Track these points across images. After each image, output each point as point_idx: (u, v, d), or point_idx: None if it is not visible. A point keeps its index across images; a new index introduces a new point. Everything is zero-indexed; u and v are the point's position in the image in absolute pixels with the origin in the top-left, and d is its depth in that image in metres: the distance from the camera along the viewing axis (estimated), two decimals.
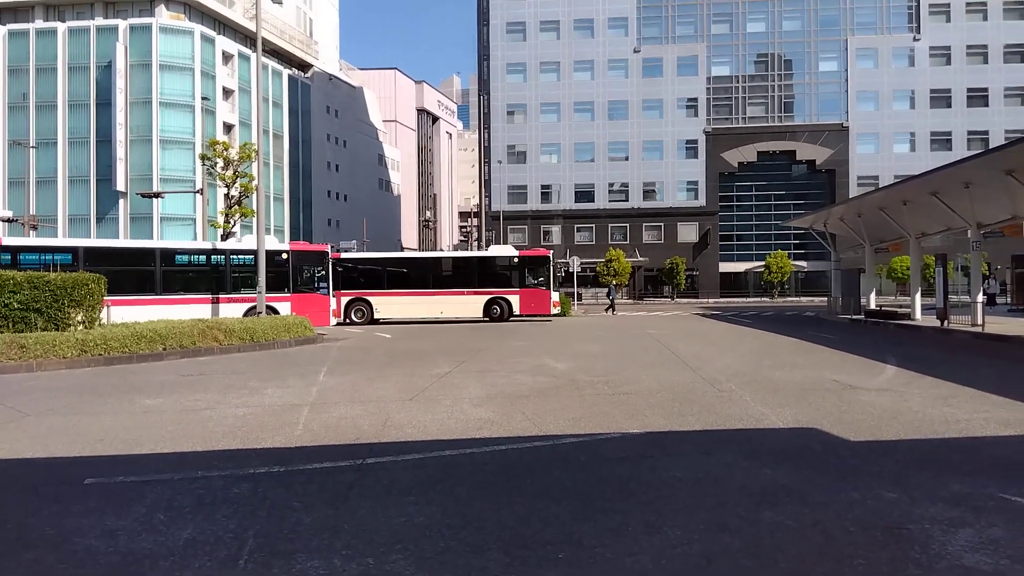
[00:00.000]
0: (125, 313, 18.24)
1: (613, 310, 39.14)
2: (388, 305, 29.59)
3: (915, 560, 3.76)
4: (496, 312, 29.34)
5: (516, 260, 30.33)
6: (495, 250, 32.74)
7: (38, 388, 10.73)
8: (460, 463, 5.99)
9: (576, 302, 42.84)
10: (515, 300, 29.52)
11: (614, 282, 44.82)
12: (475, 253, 39.68)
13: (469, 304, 29.49)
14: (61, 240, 34.27)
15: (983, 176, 20.04)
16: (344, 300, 28.99)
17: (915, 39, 62.16)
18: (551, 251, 31.69)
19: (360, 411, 8.37)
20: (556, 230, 63.23)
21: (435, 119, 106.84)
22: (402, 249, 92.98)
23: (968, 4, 61.61)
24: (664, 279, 60.79)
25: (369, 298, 29.47)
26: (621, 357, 14.57)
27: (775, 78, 63.74)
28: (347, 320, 28.98)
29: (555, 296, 29.98)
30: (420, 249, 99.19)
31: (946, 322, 22.37)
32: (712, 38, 63.78)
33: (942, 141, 61.61)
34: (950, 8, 61.86)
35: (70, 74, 56.31)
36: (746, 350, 15.96)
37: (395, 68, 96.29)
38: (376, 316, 29.58)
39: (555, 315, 30.78)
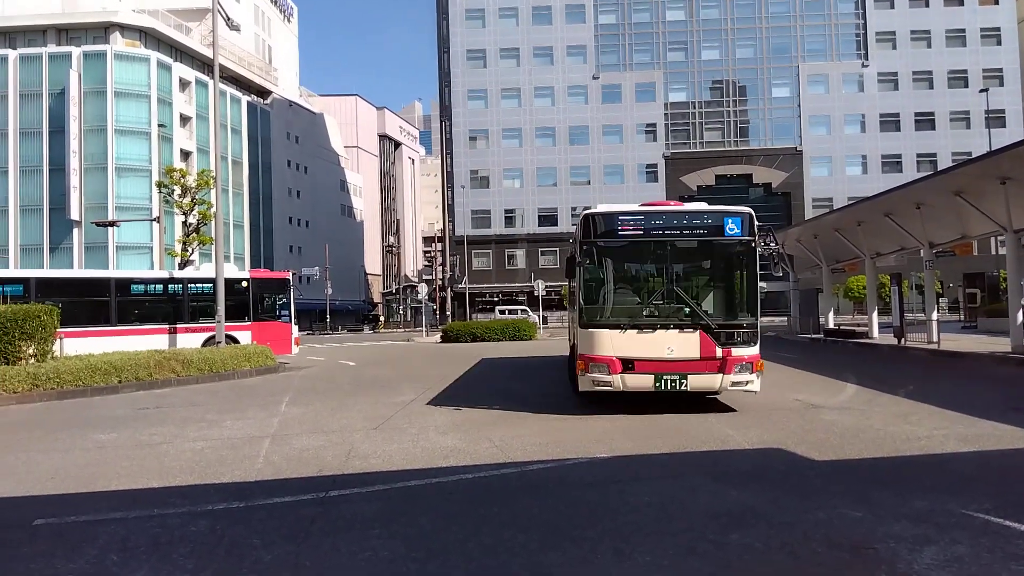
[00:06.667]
0: (79, 345, 17.72)
1: None
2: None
3: None
4: None
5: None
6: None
7: None
8: (425, 493, 5.88)
9: (542, 326, 42.87)
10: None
11: None
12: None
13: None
14: (12, 271, 33.26)
15: (933, 197, 20.63)
16: None
17: (863, 65, 64.13)
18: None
19: (323, 442, 8.19)
20: (520, 254, 63.43)
21: (397, 145, 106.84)
22: (365, 276, 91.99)
23: (913, 32, 63.86)
24: None
25: None
26: None
27: (730, 104, 65.14)
28: None
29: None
30: (383, 275, 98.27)
31: (903, 340, 22.85)
32: (668, 65, 65.05)
33: (893, 163, 63.41)
34: (895, 36, 64.04)
35: (21, 101, 55.10)
36: None
37: (356, 94, 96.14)
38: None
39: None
